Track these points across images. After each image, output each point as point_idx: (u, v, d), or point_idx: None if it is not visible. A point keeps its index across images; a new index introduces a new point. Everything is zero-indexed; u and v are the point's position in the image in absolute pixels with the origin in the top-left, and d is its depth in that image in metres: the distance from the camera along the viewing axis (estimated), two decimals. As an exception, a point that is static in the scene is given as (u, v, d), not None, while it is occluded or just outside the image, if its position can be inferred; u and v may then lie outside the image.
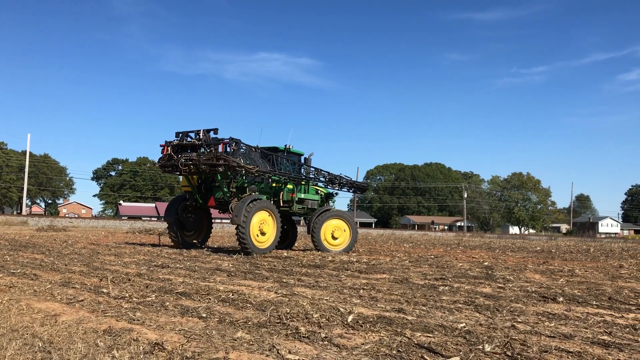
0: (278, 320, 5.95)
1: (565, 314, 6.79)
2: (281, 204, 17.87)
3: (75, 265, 11.58)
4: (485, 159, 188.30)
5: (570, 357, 4.68)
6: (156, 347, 4.76)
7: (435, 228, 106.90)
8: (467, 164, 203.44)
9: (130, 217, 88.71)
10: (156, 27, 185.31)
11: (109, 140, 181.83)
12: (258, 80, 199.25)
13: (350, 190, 21.53)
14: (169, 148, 16.74)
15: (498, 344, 5.03)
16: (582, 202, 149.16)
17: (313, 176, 19.02)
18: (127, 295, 7.49)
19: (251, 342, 5.00)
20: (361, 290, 8.45)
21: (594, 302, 7.83)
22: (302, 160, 18.97)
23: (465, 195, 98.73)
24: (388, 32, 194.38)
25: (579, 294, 8.62)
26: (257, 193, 16.84)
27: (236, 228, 15.45)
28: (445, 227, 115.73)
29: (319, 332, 5.41)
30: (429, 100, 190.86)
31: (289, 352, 4.69)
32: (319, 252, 17.08)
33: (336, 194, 20.45)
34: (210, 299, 7.29)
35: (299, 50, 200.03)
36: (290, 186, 18.02)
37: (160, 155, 16.97)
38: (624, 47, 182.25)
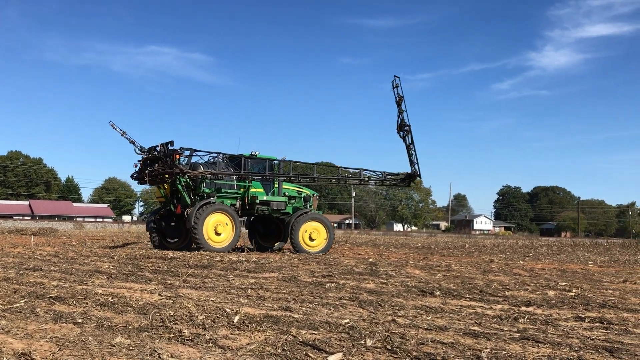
0: (161, 324, 5.74)
1: (442, 307, 7.21)
2: (246, 207, 18.89)
3: None
4: (374, 159, 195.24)
5: (444, 348, 4.97)
6: (23, 358, 4.40)
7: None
8: (355, 163, 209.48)
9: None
10: (35, 11, 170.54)
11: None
12: (148, 74, 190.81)
13: (397, 184, 22.09)
14: (141, 162, 18.66)
15: (379, 338, 5.23)
16: (460, 201, 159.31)
17: (283, 178, 19.81)
18: (-9, 302, 6.86)
19: (131, 347, 4.78)
20: (249, 290, 8.39)
21: (467, 295, 8.38)
22: (274, 164, 19.78)
23: (354, 194, 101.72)
24: (282, 32, 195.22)
25: (454, 287, 9.19)
26: (214, 198, 17.90)
27: (190, 231, 17.01)
28: (335, 225, 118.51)
29: (204, 334, 5.29)
30: (321, 101, 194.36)
31: (171, 356, 4.54)
32: (207, 252, 16.77)
33: (314, 194, 20.96)
34: (87, 303, 6.87)
35: (191, 45, 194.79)
36: (254, 189, 18.98)
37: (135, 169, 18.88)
38: (497, 59, 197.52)
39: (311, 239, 18.88)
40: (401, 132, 20.46)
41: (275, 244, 20.86)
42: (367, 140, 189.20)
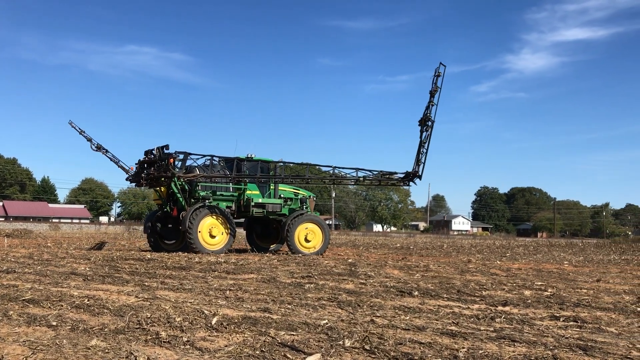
0: (137, 326, 5.67)
1: (420, 307, 7.26)
2: (242, 209, 19.08)
3: None
4: (355, 159, 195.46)
5: (422, 347, 5.00)
6: (-5, 362, 4.31)
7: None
8: (336, 163, 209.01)
9: (-28, 217, 79.74)
10: (12, 9, 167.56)
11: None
12: (126, 74, 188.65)
13: (394, 183, 21.40)
14: (138, 165, 18.98)
15: (357, 338, 5.24)
16: (438, 201, 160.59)
17: (279, 180, 19.74)
18: (-38, 305, 6.71)
19: (107, 350, 4.72)
20: (227, 291, 8.35)
21: (445, 295, 8.45)
22: (269, 167, 19.75)
23: (334, 195, 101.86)
24: (261, 32, 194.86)
25: (432, 287, 9.26)
26: (208, 201, 18.11)
27: (185, 233, 17.15)
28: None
29: (181, 337, 5.25)
30: (302, 102, 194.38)
31: (148, 359, 4.50)
32: (185, 254, 16.67)
33: (310, 196, 20.94)
34: (62, 306, 6.77)
35: (171, 45, 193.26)
36: (249, 191, 19.14)
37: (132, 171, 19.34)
38: (476, 62, 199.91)
39: (307, 240, 18.91)
40: (422, 126, 19.05)
41: (272, 246, 20.88)
42: (351, 139, 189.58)
